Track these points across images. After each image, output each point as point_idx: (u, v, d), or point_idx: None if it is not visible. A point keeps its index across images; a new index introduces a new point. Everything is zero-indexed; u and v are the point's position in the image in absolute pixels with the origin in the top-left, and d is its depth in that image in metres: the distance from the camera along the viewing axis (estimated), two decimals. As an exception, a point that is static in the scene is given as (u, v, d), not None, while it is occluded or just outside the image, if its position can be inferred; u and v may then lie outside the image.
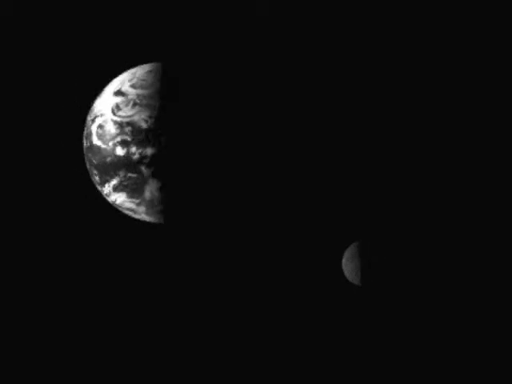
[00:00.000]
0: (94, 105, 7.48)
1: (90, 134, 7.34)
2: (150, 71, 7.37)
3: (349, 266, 7.24)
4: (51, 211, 7.37)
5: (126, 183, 7.21)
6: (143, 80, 7.28)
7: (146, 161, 7.08)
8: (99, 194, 7.55)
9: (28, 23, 7.45)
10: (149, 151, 7.08)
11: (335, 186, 7.54)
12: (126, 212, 7.55)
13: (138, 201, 7.30)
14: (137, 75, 7.37)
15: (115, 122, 7.16)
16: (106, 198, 7.51)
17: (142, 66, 7.52)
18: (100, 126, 7.25)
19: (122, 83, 7.36)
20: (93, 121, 7.35)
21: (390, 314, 7.36)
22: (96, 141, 7.25)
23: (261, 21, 7.62)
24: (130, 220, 7.64)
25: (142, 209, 7.38)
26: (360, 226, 7.43)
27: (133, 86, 7.26)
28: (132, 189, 7.22)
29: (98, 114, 7.33)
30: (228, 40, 7.77)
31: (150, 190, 7.20)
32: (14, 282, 7.10)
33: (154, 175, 7.12)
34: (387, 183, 7.55)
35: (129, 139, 7.10)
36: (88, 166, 7.50)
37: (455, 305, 7.51)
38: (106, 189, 7.37)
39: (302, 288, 7.46)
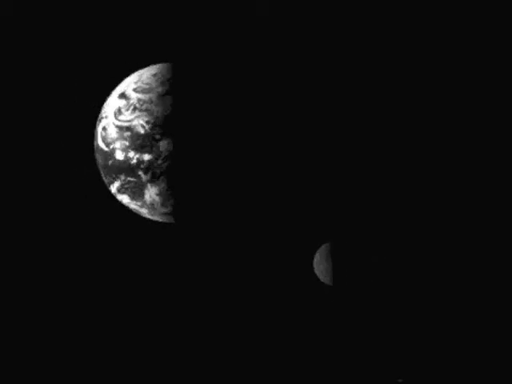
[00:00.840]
0: (105, 103, 7.52)
1: (96, 134, 7.42)
2: (155, 74, 7.30)
3: (320, 266, 7.36)
4: (64, 209, 7.56)
5: (126, 186, 7.26)
6: (146, 84, 7.22)
7: (143, 166, 7.09)
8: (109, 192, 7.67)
9: (45, 21, 7.53)
10: (146, 157, 7.07)
11: (306, 188, 7.46)
12: (135, 211, 7.64)
13: (140, 203, 7.35)
14: (142, 78, 7.32)
15: (116, 126, 7.19)
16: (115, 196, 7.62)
17: (150, 68, 7.46)
18: (104, 128, 7.30)
19: (128, 85, 7.35)
20: (99, 121, 7.42)
21: (361, 313, 7.45)
22: (100, 142, 7.32)
23: (261, 21, 7.42)
24: (140, 219, 7.71)
25: (145, 211, 7.43)
26: (331, 227, 7.52)
27: (135, 90, 7.23)
28: (133, 192, 7.27)
29: (104, 115, 7.37)
30: (228, 40, 7.62)
31: (150, 194, 7.22)
32: (26, 279, 7.37)
33: (152, 180, 7.13)
34: (358, 185, 7.56)
35: (127, 144, 7.11)
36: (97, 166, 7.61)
37: (425, 303, 7.54)
38: (112, 189, 7.46)
39: (274, 287, 7.54)
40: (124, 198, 7.40)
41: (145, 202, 7.31)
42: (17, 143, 7.45)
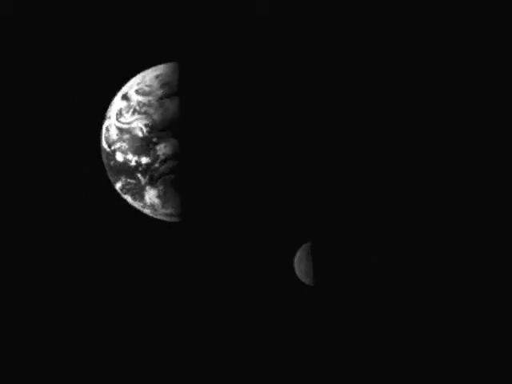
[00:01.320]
0: (112, 102, 7.54)
1: (101, 134, 7.46)
2: (157, 76, 7.26)
3: (301, 265, 7.34)
4: (71, 208, 7.67)
5: (128, 188, 7.30)
6: (148, 86, 7.19)
7: (141, 169, 7.10)
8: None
9: (55, 21, 7.59)
10: (144, 160, 7.07)
11: (287, 187, 7.33)
12: (139, 210, 7.68)
13: (141, 204, 7.38)
14: (145, 79, 7.29)
15: (117, 128, 7.21)
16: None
17: (155, 68, 7.42)
18: (107, 129, 7.34)
19: (131, 86, 7.33)
20: (104, 120, 7.45)
21: (341, 313, 7.45)
22: (103, 142, 7.37)
23: (260, 21, 7.27)
24: (146, 217, 7.74)
25: (148, 211, 7.46)
26: (312, 226, 7.50)
27: (137, 92, 7.21)
28: (134, 193, 7.30)
29: (108, 115, 7.40)
30: (227, 40, 7.49)
31: (149, 196, 7.24)
32: (34, 277, 7.53)
33: (150, 183, 7.14)
34: (339, 185, 7.50)
35: (126, 146, 7.13)
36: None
37: (405, 303, 7.51)
38: (117, 189, 7.51)
39: (254, 286, 7.55)
40: (127, 198, 7.45)
41: (146, 204, 7.33)
42: (24, 140, 7.58)
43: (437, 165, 7.55)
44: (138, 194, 7.27)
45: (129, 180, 7.22)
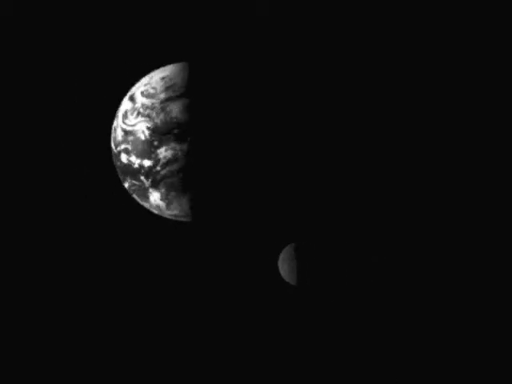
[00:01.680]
0: (122, 101, 7.54)
1: (110, 133, 7.49)
2: (163, 78, 7.19)
3: (285, 265, 7.36)
4: (82, 206, 7.78)
5: (133, 188, 7.32)
6: (153, 88, 7.14)
7: (143, 171, 7.10)
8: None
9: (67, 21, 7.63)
10: (146, 163, 7.06)
11: (272, 188, 7.26)
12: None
13: (148, 205, 7.40)
14: (152, 80, 7.24)
15: (122, 129, 7.21)
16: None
17: (162, 69, 7.35)
18: (114, 129, 7.36)
19: (138, 87, 7.30)
20: (114, 120, 7.47)
21: (325, 313, 7.48)
22: (112, 142, 7.40)
23: (260, 21, 7.11)
24: (155, 216, 7.76)
25: (155, 211, 7.48)
26: (297, 227, 7.52)
27: (142, 94, 7.18)
28: (139, 194, 7.33)
29: (117, 114, 7.40)
30: (227, 40, 7.38)
31: (154, 198, 7.24)
32: (46, 274, 7.69)
33: (153, 186, 7.13)
34: (323, 185, 7.48)
35: (130, 148, 7.13)
36: (115, 163, 7.71)
37: (388, 304, 7.51)
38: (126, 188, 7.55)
39: (239, 286, 7.59)
40: (136, 198, 7.48)
41: (152, 205, 7.35)
42: (37, 136, 7.71)
43: (425, 162, 7.49)
44: (144, 196, 7.29)
45: (133, 181, 7.23)
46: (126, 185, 7.37)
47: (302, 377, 7.39)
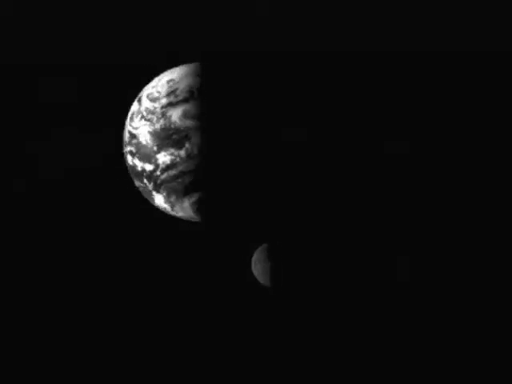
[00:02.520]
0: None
1: (123, 133, 7.57)
2: (169, 81, 7.15)
3: (258, 266, 7.35)
4: (97, 204, 7.94)
5: (140, 190, 7.40)
6: (158, 92, 7.12)
7: (145, 174, 7.14)
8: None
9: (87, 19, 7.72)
10: (147, 167, 7.09)
11: (246, 188, 7.14)
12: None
13: (155, 206, 7.46)
14: (159, 83, 7.21)
15: (128, 131, 7.27)
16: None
17: (171, 71, 7.30)
18: (123, 129, 7.43)
19: (147, 89, 7.30)
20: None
21: (299, 315, 7.45)
22: (123, 143, 7.48)
23: (260, 20, 6.90)
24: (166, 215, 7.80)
25: (163, 212, 7.53)
26: (270, 228, 7.50)
27: (147, 96, 7.17)
28: (146, 196, 7.39)
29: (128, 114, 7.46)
30: (227, 40, 7.25)
31: (158, 200, 7.29)
32: (59, 272, 7.93)
33: (155, 189, 7.17)
34: (297, 186, 7.34)
35: (134, 151, 7.18)
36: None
37: (363, 304, 7.46)
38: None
39: (211, 287, 7.60)
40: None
41: (158, 207, 7.40)
42: (59, 132, 7.91)
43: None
44: (149, 198, 7.35)
45: (139, 183, 7.31)
46: (136, 184, 7.46)
47: (275, 379, 7.36)
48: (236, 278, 7.51)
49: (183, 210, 7.23)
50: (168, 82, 7.14)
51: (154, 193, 7.23)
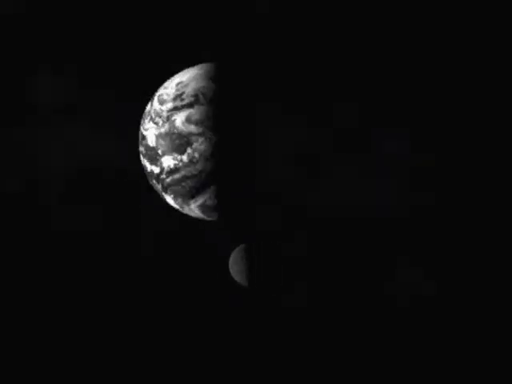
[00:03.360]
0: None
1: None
2: (177, 84, 7.12)
3: (235, 266, 7.36)
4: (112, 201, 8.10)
5: (154, 189, 7.50)
6: (167, 94, 7.12)
7: (154, 175, 7.22)
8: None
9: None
10: (155, 169, 7.16)
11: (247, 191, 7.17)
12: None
13: (168, 205, 7.55)
14: (171, 84, 7.21)
15: (140, 132, 7.35)
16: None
17: (183, 72, 7.27)
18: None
19: (159, 90, 7.32)
20: (145, 118, 7.60)
21: (276, 315, 7.46)
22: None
23: (261, 18, 6.89)
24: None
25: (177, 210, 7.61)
26: (248, 227, 7.49)
27: (157, 98, 7.19)
28: (158, 195, 7.49)
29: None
30: (227, 40, 7.21)
31: (168, 201, 7.37)
32: (72, 273, 8.15)
33: (163, 191, 7.24)
34: (276, 186, 7.19)
35: (144, 152, 7.26)
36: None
37: (340, 304, 7.48)
38: (156, 185, 7.72)
39: (189, 286, 7.62)
40: (162, 196, 7.65)
41: (169, 206, 7.49)
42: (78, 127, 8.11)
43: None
44: (161, 197, 7.45)
45: (150, 183, 7.41)
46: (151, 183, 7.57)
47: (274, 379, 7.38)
48: (213, 279, 7.54)
49: (191, 211, 7.28)
50: (177, 84, 7.12)
51: (163, 193, 7.31)
